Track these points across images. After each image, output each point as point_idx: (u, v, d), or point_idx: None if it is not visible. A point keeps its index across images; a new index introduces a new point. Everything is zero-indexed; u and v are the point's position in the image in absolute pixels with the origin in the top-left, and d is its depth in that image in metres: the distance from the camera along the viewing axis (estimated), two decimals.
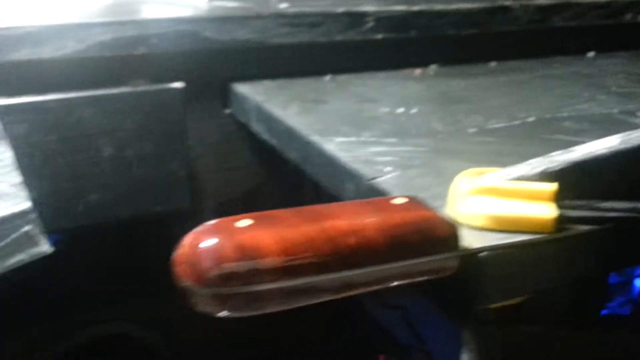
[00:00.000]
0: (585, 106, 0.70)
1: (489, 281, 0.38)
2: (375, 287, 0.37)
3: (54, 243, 0.84)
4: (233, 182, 0.78)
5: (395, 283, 0.37)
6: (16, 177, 0.63)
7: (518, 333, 0.44)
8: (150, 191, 0.72)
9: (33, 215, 0.64)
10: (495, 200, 0.40)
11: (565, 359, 0.47)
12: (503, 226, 0.40)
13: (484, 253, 0.38)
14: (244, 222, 0.35)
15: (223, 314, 0.34)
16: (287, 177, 0.83)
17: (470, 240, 0.39)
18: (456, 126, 0.63)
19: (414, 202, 0.39)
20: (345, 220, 0.36)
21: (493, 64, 0.89)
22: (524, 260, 0.39)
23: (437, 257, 0.37)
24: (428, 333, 1.05)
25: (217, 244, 0.33)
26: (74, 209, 0.68)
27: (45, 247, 0.65)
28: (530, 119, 0.65)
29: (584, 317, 0.51)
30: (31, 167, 0.65)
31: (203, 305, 0.34)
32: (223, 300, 0.33)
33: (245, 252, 0.33)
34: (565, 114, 0.67)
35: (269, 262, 0.33)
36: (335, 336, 1.05)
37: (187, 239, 0.34)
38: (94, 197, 0.69)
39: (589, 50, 0.96)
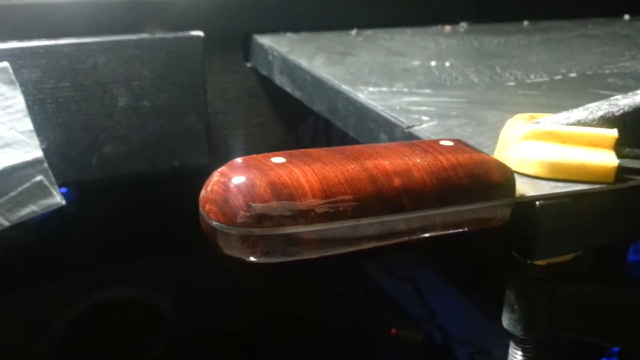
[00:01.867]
0: (628, 64, 0.66)
1: (543, 233, 0.35)
2: (419, 236, 0.34)
3: (67, 197, 0.81)
4: (254, 139, 0.75)
5: (441, 232, 0.34)
6: (27, 124, 0.60)
7: (569, 291, 0.40)
8: (166, 144, 0.68)
9: (44, 165, 0.61)
10: (550, 146, 0.36)
11: (612, 321, 0.44)
12: (558, 174, 0.36)
13: (540, 202, 0.34)
14: (277, 160, 0.32)
15: (253, 258, 0.31)
16: (311, 133, 0.80)
17: (523, 188, 0.35)
18: (493, 79, 0.59)
19: (462, 144, 0.35)
20: (389, 160, 0.32)
21: (525, 23, 0.85)
22: (581, 212, 0.36)
23: (490, 203, 0.33)
24: (439, 305, 1.03)
25: (248, 180, 0.30)
26: (88, 160, 0.65)
27: (57, 199, 0.63)
28: (572, 75, 0.61)
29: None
30: (43, 115, 0.62)
31: (232, 249, 0.30)
32: (254, 243, 0.30)
33: (280, 191, 0.30)
34: (607, 71, 0.63)
35: (306, 202, 0.30)
36: (348, 309, 1.03)
37: (215, 176, 0.31)
38: (108, 149, 0.66)
39: (624, 13, 0.91)
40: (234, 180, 0.30)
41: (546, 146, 0.36)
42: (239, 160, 0.32)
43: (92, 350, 0.91)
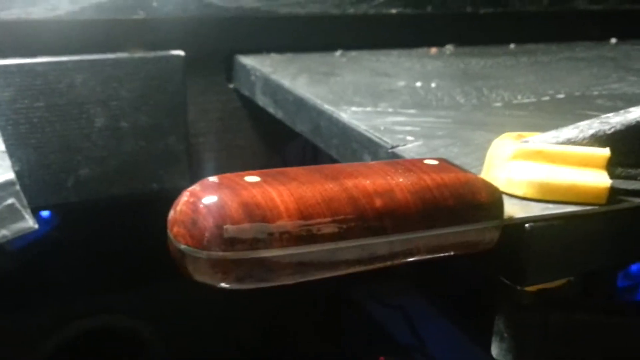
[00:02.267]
0: (615, 86, 0.65)
1: (533, 257, 0.33)
2: (402, 260, 0.32)
3: (49, 222, 0.79)
4: (237, 161, 0.73)
5: (426, 256, 0.32)
6: None
7: (560, 319, 0.38)
8: (146, 167, 0.66)
9: (16, 188, 0.58)
10: (539, 165, 0.35)
11: (603, 350, 0.42)
12: (548, 195, 0.34)
13: (529, 224, 0.33)
14: (251, 178, 0.30)
15: (225, 285, 0.29)
16: (294, 156, 0.78)
17: (512, 210, 0.33)
18: (480, 100, 0.57)
19: (447, 164, 0.33)
20: (370, 180, 0.30)
21: (512, 46, 0.84)
22: (573, 235, 0.34)
23: (477, 225, 0.31)
24: (428, 333, 1.01)
25: (219, 201, 0.28)
26: (63, 183, 0.63)
27: (29, 222, 0.60)
28: (560, 96, 0.60)
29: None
30: (16, 136, 0.60)
31: (202, 274, 0.28)
32: (225, 268, 0.28)
33: (252, 212, 0.28)
34: (596, 93, 0.62)
35: (280, 224, 0.28)
36: (335, 337, 1.01)
37: (185, 196, 0.29)
38: (85, 171, 0.63)
39: (611, 36, 0.91)
40: (203, 200, 0.28)
41: (535, 166, 0.35)
42: (210, 178, 0.30)
43: None
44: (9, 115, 0.60)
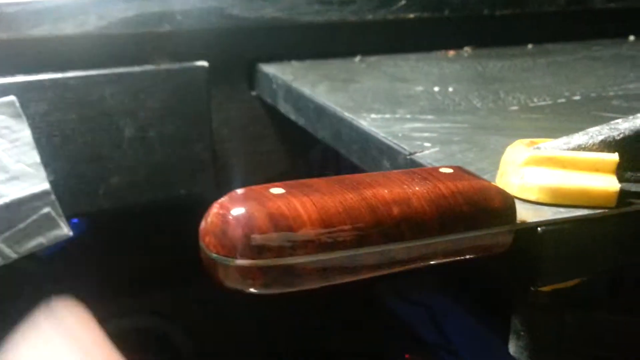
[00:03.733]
0: (632, 86, 0.66)
1: (545, 260, 0.35)
2: (419, 265, 0.33)
3: (74, 227, 0.81)
4: (260, 167, 0.75)
5: (442, 260, 0.34)
6: (34, 157, 0.60)
7: (575, 318, 0.40)
8: (173, 174, 0.69)
9: (52, 197, 0.61)
10: (551, 171, 0.36)
11: (622, 347, 0.43)
12: (560, 200, 0.36)
13: (541, 228, 0.34)
14: (276, 190, 0.32)
15: (253, 290, 0.31)
16: (316, 161, 0.80)
17: (525, 214, 0.35)
18: (496, 104, 0.59)
19: (462, 171, 0.35)
20: (388, 189, 0.32)
21: (530, 46, 0.85)
22: (584, 237, 0.36)
23: (491, 230, 0.33)
24: (454, 331, 1.02)
25: (247, 212, 0.30)
26: (94, 192, 0.66)
27: (64, 230, 0.63)
28: (576, 97, 0.61)
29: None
30: (49, 148, 0.63)
31: (231, 281, 0.30)
32: (254, 275, 0.30)
33: (278, 222, 0.30)
34: (612, 93, 0.63)
35: (304, 233, 0.30)
36: (361, 335, 1.02)
37: (215, 208, 0.31)
38: (115, 179, 0.66)
39: (629, 34, 0.91)
40: (232, 212, 0.30)
41: (547, 172, 0.36)
42: (238, 191, 0.32)
43: None
44: (43, 127, 0.63)
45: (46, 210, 0.60)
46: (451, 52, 0.81)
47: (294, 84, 0.65)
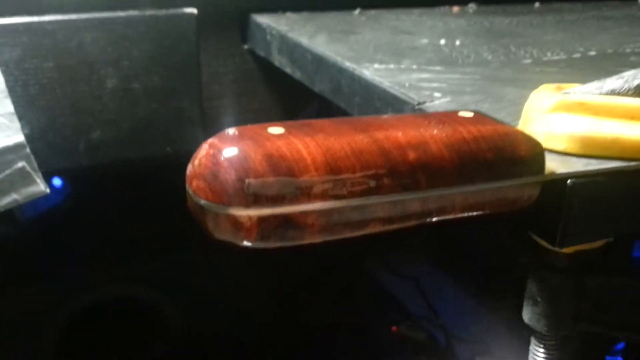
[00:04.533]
0: None
1: (574, 216, 0.31)
2: (434, 218, 0.30)
3: (56, 193, 0.77)
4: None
5: (459, 215, 0.30)
6: (7, 106, 0.56)
7: (597, 283, 0.36)
8: (159, 130, 0.64)
9: (26, 150, 0.57)
10: (581, 118, 0.32)
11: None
12: (590, 150, 0.32)
13: (571, 181, 0.30)
14: (275, 130, 0.28)
15: (247, 243, 0.27)
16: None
17: (552, 166, 0.31)
18: (508, 57, 0.55)
19: (483, 116, 0.31)
20: (402, 131, 0.28)
21: (537, 4, 0.81)
22: (617, 192, 0.32)
23: (517, 181, 0.29)
24: (441, 304, 0.99)
25: (241, 152, 0.26)
26: (74, 147, 0.61)
27: (41, 186, 0.58)
28: (591, 53, 0.57)
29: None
30: (25, 98, 0.58)
31: (222, 231, 0.27)
32: (248, 225, 0.26)
33: (278, 164, 0.26)
34: (628, 50, 0.59)
35: (307, 178, 0.26)
36: (348, 308, 0.99)
37: (204, 148, 0.27)
38: (96, 134, 0.62)
39: None
40: (224, 152, 0.26)
41: (577, 119, 0.32)
42: (231, 130, 0.28)
43: (91, 349, 0.88)
44: (18, 75, 0.58)
45: (20, 164, 0.56)
46: (455, 8, 0.76)
47: (290, 35, 0.60)
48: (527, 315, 0.38)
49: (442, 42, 0.59)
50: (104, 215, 0.87)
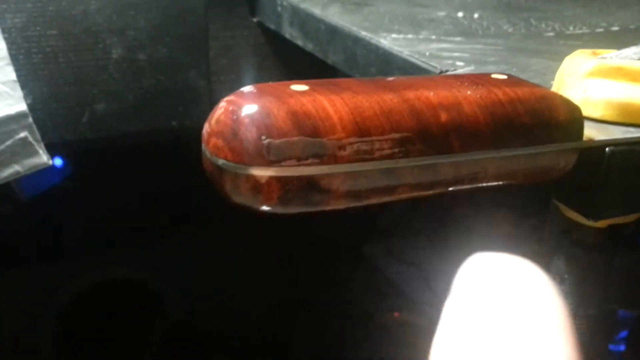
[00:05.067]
0: None
1: (614, 187, 0.29)
2: (465, 187, 0.28)
3: (59, 172, 0.75)
4: None
5: (492, 183, 0.28)
6: (10, 74, 0.54)
7: (627, 261, 0.35)
8: (164, 103, 0.62)
9: (29, 120, 0.55)
10: (620, 84, 0.30)
11: None
12: (628, 117, 0.30)
13: (610, 148, 0.29)
14: (298, 87, 0.26)
15: (267, 207, 0.25)
16: None
17: (589, 133, 0.29)
18: (529, 30, 0.53)
19: (517, 78, 0.29)
20: (434, 92, 0.26)
21: None
22: None
23: (554, 147, 0.27)
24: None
25: (263, 109, 0.24)
26: (77, 118, 0.59)
27: (43, 158, 0.56)
28: (615, 28, 0.55)
29: None
30: (28, 66, 0.56)
31: (241, 194, 0.25)
32: (269, 187, 0.24)
33: (302, 122, 0.24)
34: None
35: (334, 137, 0.24)
36: (350, 293, 0.98)
37: (222, 105, 0.25)
38: (100, 106, 0.60)
39: None
40: (245, 109, 0.24)
41: (615, 84, 0.31)
42: (249, 87, 0.26)
43: (91, 329, 0.87)
44: (20, 43, 0.56)
45: (22, 134, 0.54)
46: None
47: (302, 5, 0.58)
48: None
49: (460, 14, 0.57)
50: (105, 195, 0.85)
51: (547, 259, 0.37)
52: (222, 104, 0.25)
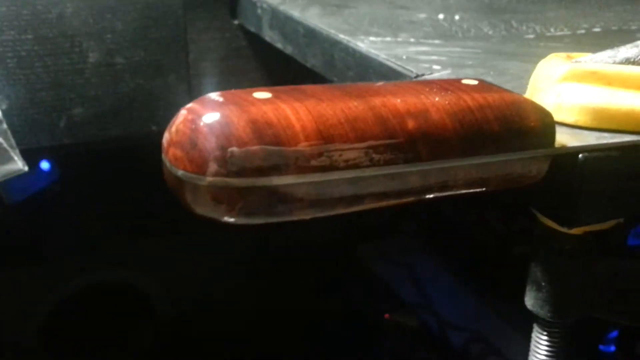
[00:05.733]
0: None
1: (588, 193, 0.28)
2: (434, 195, 0.27)
3: (45, 176, 0.74)
4: None
5: (462, 191, 0.27)
6: None
7: (605, 267, 0.34)
8: (144, 108, 0.61)
9: (3, 126, 0.54)
10: (594, 88, 0.30)
11: None
12: (603, 123, 0.30)
13: (583, 155, 0.28)
14: (261, 95, 0.25)
15: (230, 219, 0.24)
16: None
17: (562, 139, 0.29)
18: (510, 32, 0.52)
19: (488, 84, 0.29)
20: (401, 98, 0.26)
21: None
22: (632, 168, 0.29)
23: (525, 154, 0.27)
24: (434, 291, 0.98)
25: (223, 118, 0.24)
26: (54, 123, 0.58)
27: (19, 164, 0.55)
28: (596, 30, 0.55)
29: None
30: (2, 71, 0.55)
31: (202, 205, 0.24)
32: (230, 198, 0.24)
33: (263, 132, 0.23)
34: (634, 27, 0.57)
35: (296, 146, 0.24)
36: (341, 294, 0.98)
37: (182, 114, 0.25)
38: (78, 110, 0.59)
39: None
40: (204, 117, 0.24)
41: (589, 89, 0.30)
42: (212, 95, 0.25)
43: (78, 333, 0.86)
44: None
45: None
46: None
47: (281, 7, 0.58)
48: (530, 300, 0.36)
49: (441, 16, 0.56)
50: (88, 199, 0.84)
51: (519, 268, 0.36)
52: (182, 112, 0.25)
